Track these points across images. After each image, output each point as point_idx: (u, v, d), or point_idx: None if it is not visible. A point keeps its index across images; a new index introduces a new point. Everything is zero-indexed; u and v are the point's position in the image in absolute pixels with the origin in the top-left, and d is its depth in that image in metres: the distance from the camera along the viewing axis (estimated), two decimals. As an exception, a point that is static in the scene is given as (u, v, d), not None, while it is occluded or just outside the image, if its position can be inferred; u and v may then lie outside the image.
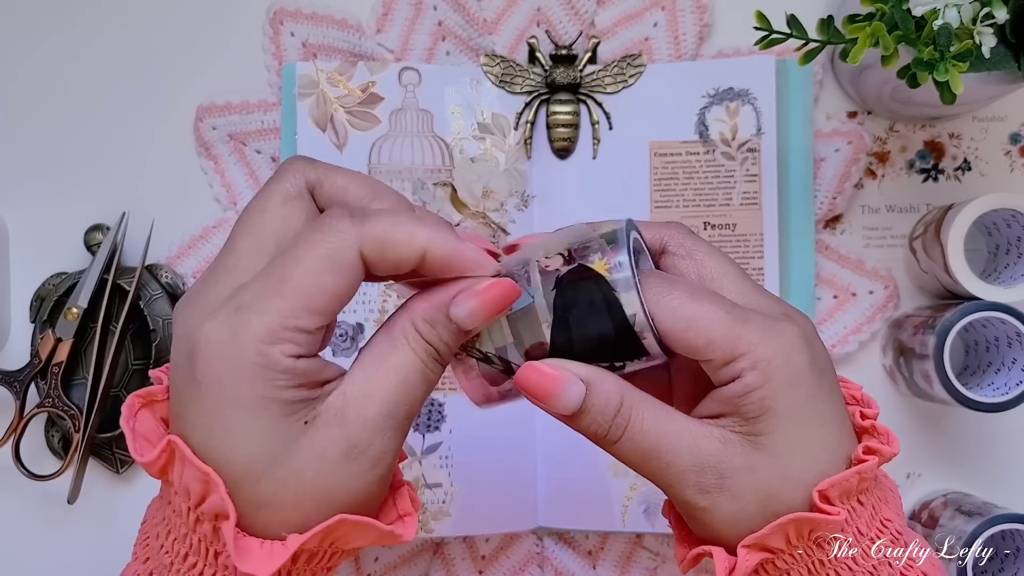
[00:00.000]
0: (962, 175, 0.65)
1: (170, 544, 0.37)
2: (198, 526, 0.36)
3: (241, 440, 0.35)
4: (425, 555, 0.65)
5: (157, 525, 0.38)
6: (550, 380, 0.38)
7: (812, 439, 0.38)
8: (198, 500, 0.35)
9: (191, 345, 0.35)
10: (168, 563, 0.37)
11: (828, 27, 0.52)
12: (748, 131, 0.63)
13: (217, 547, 0.36)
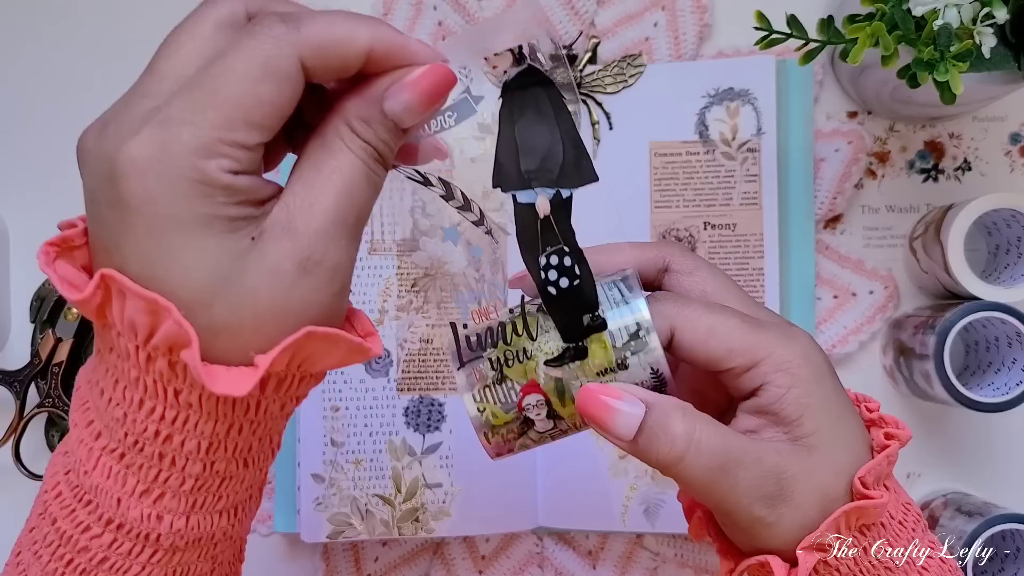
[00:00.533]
0: (962, 175, 0.65)
1: (120, 395, 0.34)
2: (151, 365, 0.33)
3: (186, 262, 0.32)
4: (425, 555, 0.65)
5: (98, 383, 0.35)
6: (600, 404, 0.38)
7: (846, 430, 0.39)
8: (147, 334, 0.32)
9: (111, 167, 0.32)
10: (120, 416, 0.34)
11: (828, 27, 0.52)
12: (748, 131, 0.63)
13: (176, 384, 0.33)
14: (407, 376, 0.63)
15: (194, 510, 0.35)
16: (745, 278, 0.63)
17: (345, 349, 0.35)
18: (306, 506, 0.62)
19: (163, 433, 0.34)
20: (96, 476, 0.35)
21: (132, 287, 0.31)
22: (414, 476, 0.63)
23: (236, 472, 0.36)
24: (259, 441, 0.36)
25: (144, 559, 0.35)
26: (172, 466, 0.34)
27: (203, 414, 0.34)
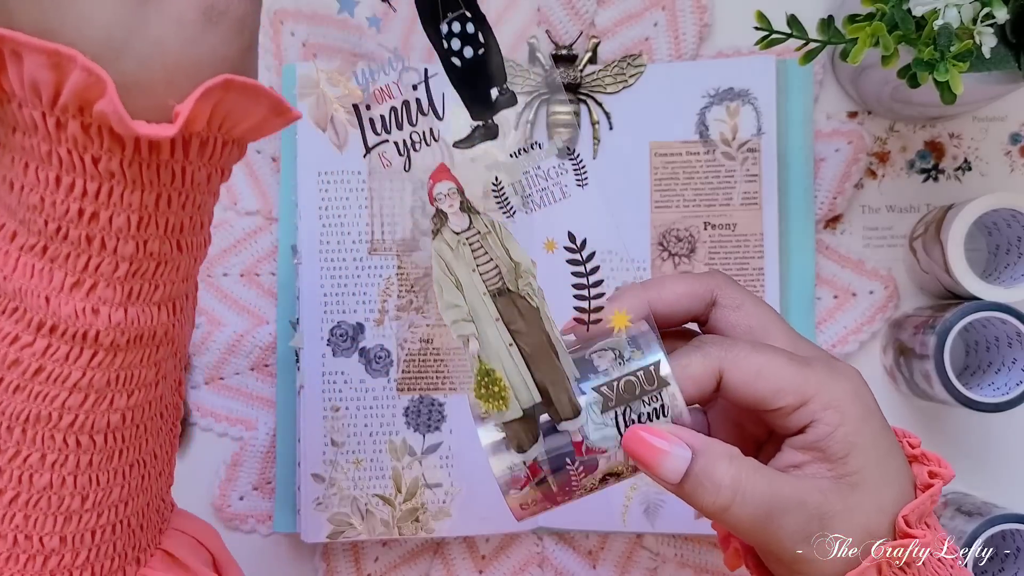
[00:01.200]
0: (962, 175, 0.65)
1: (33, 178, 0.31)
2: (62, 132, 0.31)
3: (83, 10, 0.30)
4: (425, 555, 0.65)
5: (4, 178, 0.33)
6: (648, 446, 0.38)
7: (890, 468, 0.40)
8: (53, 93, 0.30)
9: None
10: (36, 203, 0.32)
11: (828, 27, 0.52)
12: (748, 131, 0.63)
13: (94, 151, 0.31)
14: (407, 376, 0.63)
15: (131, 300, 0.33)
16: (745, 278, 0.63)
17: (266, 106, 0.34)
18: (306, 506, 0.62)
19: (88, 211, 0.32)
20: (18, 278, 0.32)
21: (29, 40, 0.29)
22: (414, 476, 0.63)
23: (171, 255, 0.34)
24: (190, 220, 0.34)
25: (84, 363, 0.33)
26: (103, 249, 0.32)
27: (128, 183, 0.32)
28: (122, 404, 0.35)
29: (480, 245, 0.41)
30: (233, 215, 0.66)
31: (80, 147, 0.31)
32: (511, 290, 0.41)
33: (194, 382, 0.66)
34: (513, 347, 0.41)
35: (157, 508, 0.40)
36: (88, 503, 0.36)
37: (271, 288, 0.66)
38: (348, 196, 0.63)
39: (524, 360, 0.41)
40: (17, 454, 0.34)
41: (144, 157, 0.31)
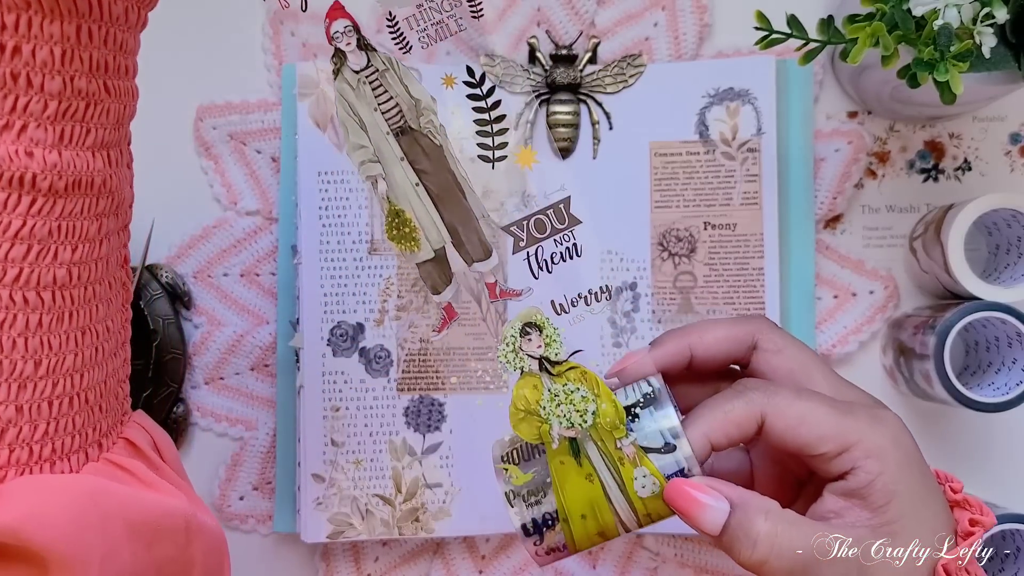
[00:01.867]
0: (962, 175, 0.65)
1: None
2: None
3: None
4: (425, 555, 0.65)
5: None
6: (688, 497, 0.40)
7: (930, 516, 0.40)
8: None
9: None
10: None
11: (828, 27, 0.52)
12: (748, 131, 0.63)
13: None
14: (407, 376, 0.63)
15: (63, 143, 0.33)
16: (745, 278, 0.63)
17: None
18: (306, 506, 0.62)
19: (9, 45, 0.32)
20: None
21: None
22: (414, 476, 0.63)
23: (99, 96, 0.34)
24: (113, 59, 0.34)
25: (23, 210, 0.33)
26: (29, 87, 0.32)
27: (45, 12, 0.32)
28: (67, 258, 0.34)
29: (379, 83, 0.41)
30: (233, 215, 0.66)
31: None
32: (413, 128, 0.41)
33: (194, 382, 0.66)
34: (419, 187, 0.41)
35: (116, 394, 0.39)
36: (41, 369, 0.34)
37: (271, 288, 0.66)
38: (348, 196, 0.63)
39: (432, 200, 0.41)
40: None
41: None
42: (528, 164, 0.41)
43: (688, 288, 0.63)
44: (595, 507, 0.42)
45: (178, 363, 0.65)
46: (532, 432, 0.43)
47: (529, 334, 0.42)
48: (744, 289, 0.63)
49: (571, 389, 0.42)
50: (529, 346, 0.42)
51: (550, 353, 0.42)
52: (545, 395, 0.42)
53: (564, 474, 0.43)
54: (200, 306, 0.66)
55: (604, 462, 0.42)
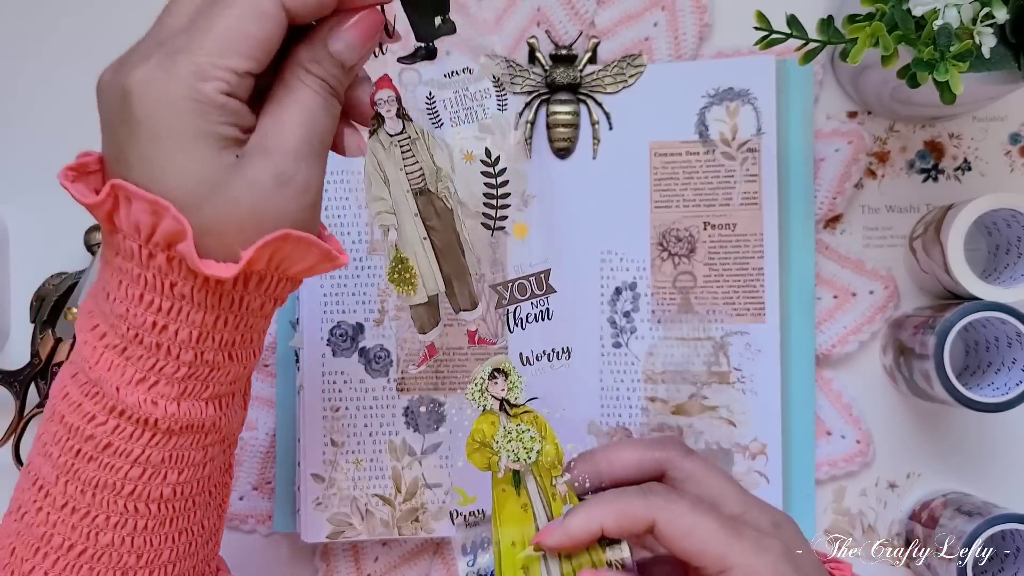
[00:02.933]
0: (962, 175, 0.65)
1: (123, 293, 0.39)
2: (151, 261, 0.38)
3: (181, 169, 0.37)
4: (425, 555, 0.65)
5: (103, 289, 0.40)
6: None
7: None
8: (149, 232, 0.38)
9: (124, 90, 0.37)
10: (122, 312, 0.39)
11: (828, 27, 0.52)
12: (748, 131, 0.63)
13: (173, 277, 0.39)
14: (407, 376, 0.63)
15: (184, 396, 0.41)
16: (745, 278, 0.63)
17: (317, 255, 0.40)
18: (306, 506, 0.62)
19: (159, 324, 0.39)
20: (99, 369, 0.40)
21: (137, 191, 0.37)
22: (414, 476, 0.63)
23: (222, 363, 0.41)
24: (242, 337, 0.41)
25: (144, 442, 0.40)
26: (167, 355, 0.40)
27: (194, 305, 0.39)
28: (173, 479, 0.42)
29: (409, 148, 0.47)
30: (233, 215, 0.66)
31: (163, 273, 0.39)
32: (431, 191, 0.48)
33: (194, 382, 0.65)
34: (427, 241, 0.47)
35: (202, 572, 0.46)
36: (142, 561, 0.42)
37: (271, 288, 0.65)
38: (348, 196, 0.63)
39: (435, 253, 0.47)
40: (87, 514, 0.41)
41: (210, 287, 0.39)
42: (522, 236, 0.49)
43: (688, 288, 0.63)
44: (524, 536, 0.49)
45: (178, 363, 0.65)
46: (483, 462, 0.51)
47: (496, 378, 0.50)
48: (744, 289, 0.63)
49: (523, 429, 0.50)
50: (494, 388, 0.50)
51: (511, 396, 0.50)
52: (500, 431, 0.50)
53: (503, 500, 0.50)
54: (200, 306, 0.66)
55: (539, 496, 0.50)
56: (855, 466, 0.63)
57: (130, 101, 0.37)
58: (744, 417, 0.62)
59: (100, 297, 0.41)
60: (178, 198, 0.37)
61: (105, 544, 0.41)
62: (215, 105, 0.38)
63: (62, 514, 0.41)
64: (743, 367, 0.63)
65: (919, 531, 0.61)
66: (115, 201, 0.38)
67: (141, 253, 0.38)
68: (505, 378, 0.50)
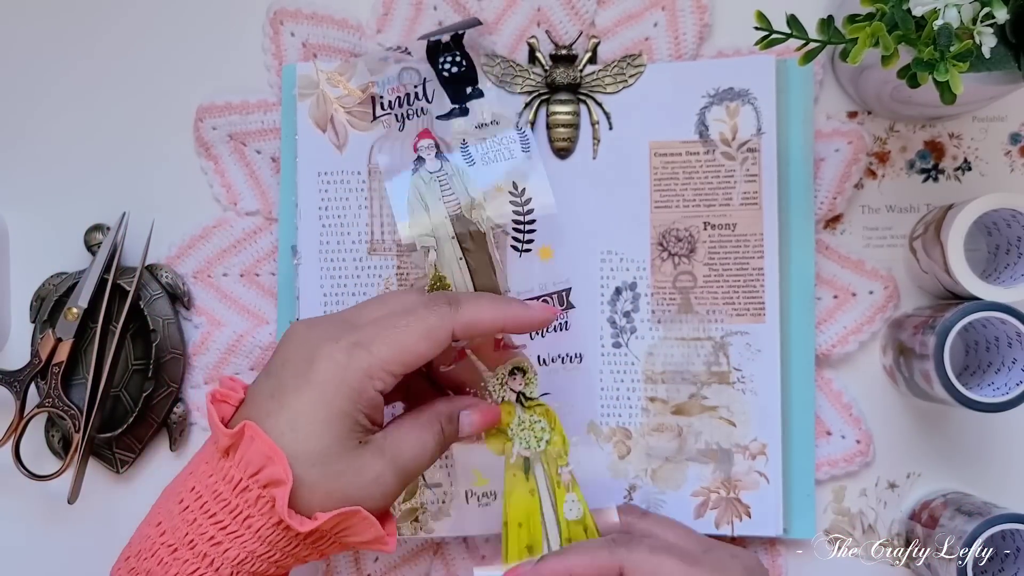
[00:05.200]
0: (962, 175, 0.65)
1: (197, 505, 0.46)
2: (244, 494, 0.45)
3: (315, 432, 0.46)
4: (425, 555, 0.65)
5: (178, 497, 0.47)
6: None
7: None
8: (255, 470, 0.45)
9: (313, 354, 0.47)
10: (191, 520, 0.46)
11: (828, 27, 0.52)
12: (748, 131, 0.63)
13: (251, 511, 0.45)
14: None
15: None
16: (745, 278, 0.63)
17: (372, 536, 0.48)
18: (306, 506, 0.62)
19: (216, 539, 0.46)
20: (150, 563, 0.46)
21: (263, 436, 0.45)
22: (414, 476, 0.63)
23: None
24: (276, 569, 0.48)
25: None
26: (209, 565, 0.46)
27: (255, 537, 0.46)
28: None
29: (448, 183, 0.56)
30: (233, 215, 0.66)
31: (246, 505, 0.46)
32: (466, 217, 0.55)
33: (194, 382, 0.66)
34: (462, 260, 0.54)
35: None
36: None
37: (271, 288, 0.66)
38: (348, 196, 0.63)
39: (470, 272, 0.55)
40: None
41: (277, 530, 0.46)
42: (547, 258, 0.57)
43: (688, 288, 0.63)
44: (530, 518, 0.56)
45: (178, 363, 0.65)
46: (498, 447, 0.56)
47: (515, 375, 0.57)
48: (744, 289, 0.63)
49: (535, 420, 0.57)
50: (513, 383, 0.57)
51: (527, 391, 0.57)
52: (515, 420, 0.57)
53: (513, 484, 0.56)
54: (200, 306, 0.66)
55: (546, 483, 0.56)
56: (855, 466, 0.63)
57: (315, 365, 0.46)
58: (744, 417, 0.62)
59: (172, 501, 0.47)
60: (295, 452, 0.45)
61: None
62: (366, 399, 0.47)
63: None
64: (743, 367, 0.63)
65: (919, 531, 0.61)
66: (240, 437, 0.46)
67: (238, 484, 0.45)
68: (523, 375, 0.57)
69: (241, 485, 0.45)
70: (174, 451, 0.65)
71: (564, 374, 0.59)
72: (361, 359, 0.46)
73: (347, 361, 0.46)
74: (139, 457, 0.65)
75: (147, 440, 0.65)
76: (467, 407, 0.53)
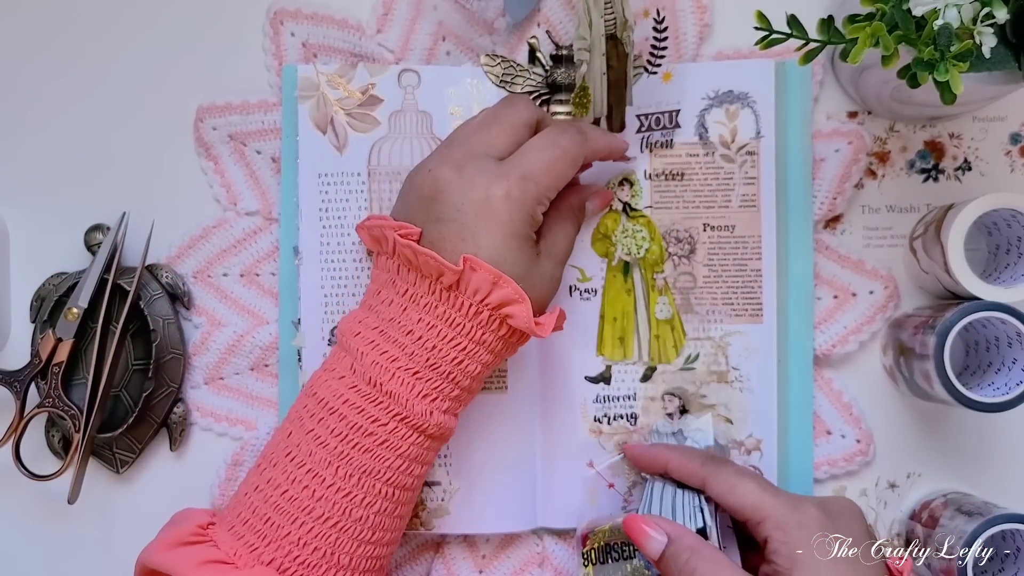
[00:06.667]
0: (962, 175, 0.65)
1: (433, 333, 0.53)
2: (476, 316, 0.53)
3: (515, 257, 0.53)
4: (426, 554, 0.65)
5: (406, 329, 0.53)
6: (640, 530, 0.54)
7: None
8: (484, 295, 0.52)
9: (489, 196, 0.53)
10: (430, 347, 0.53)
11: (828, 27, 0.52)
12: (747, 134, 0.63)
13: (484, 330, 0.53)
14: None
15: (449, 412, 0.54)
16: (744, 279, 0.63)
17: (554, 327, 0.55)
18: (306, 506, 0.62)
19: (458, 359, 0.53)
20: (391, 384, 0.52)
21: (484, 265, 0.52)
22: (414, 476, 0.63)
23: (475, 390, 0.56)
24: (488, 373, 0.56)
25: (411, 440, 0.53)
26: (451, 382, 0.53)
27: (486, 351, 0.54)
28: (416, 472, 0.55)
29: (610, 1, 0.58)
30: (233, 215, 0.66)
31: (480, 326, 0.53)
32: (617, 37, 0.58)
33: (194, 382, 0.65)
34: (604, 75, 0.59)
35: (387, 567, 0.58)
36: (374, 537, 0.54)
37: (271, 288, 0.66)
38: (348, 198, 0.63)
39: (608, 85, 0.59)
40: (349, 493, 0.52)
41: (503, 339, 0.54)
42: (667, 80, 0.64)
43: (688, 289, 0.63)
44: (624, 314, 0.63)
45: (178, 363, 0.65)
46: (602, 250, 0.63)
47: (624, 185, 0.63)
48: (743, 290, 0.63)
49: (637, 229, 0.63)
50: (622, 193, 0.63)
51: (633, 202, 0.63)
52: (619, 228, 0.63)
53: (612, 283, 0.63)
54: (200, 306, 0.66)
55: (642, 285, 0.63)
56: (855, 466, 0.63)
57: (492, 203, 0.53)
58: (741, 415, 0.62)
59: (398, 332, 0.53)
60: (512, 274, 0.53)
61: (355, 519, 0.53)
62: (536, 220, 0.55)
63: (327, 492, 0.52)
64: (741, 367, 0.63)
65: (919, 531, 0.61)
66: (464, 269, 0.52)
67: (470, 310, 0.52)
68: (631, 187, 0.63)
69: (472, 310, 0.52)
70: (174, 451, 0.65)
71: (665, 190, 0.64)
72: (530, 190, 0.54)
73: (521, 195, 0.53)
74: (139, 457, 0.65)
75: (147, 440, 0.65)
76: (590, 195, 0.62)
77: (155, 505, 0.59)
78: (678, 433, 0.63)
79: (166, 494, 0.64)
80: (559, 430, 0.63)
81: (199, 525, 0.54)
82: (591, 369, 0.64)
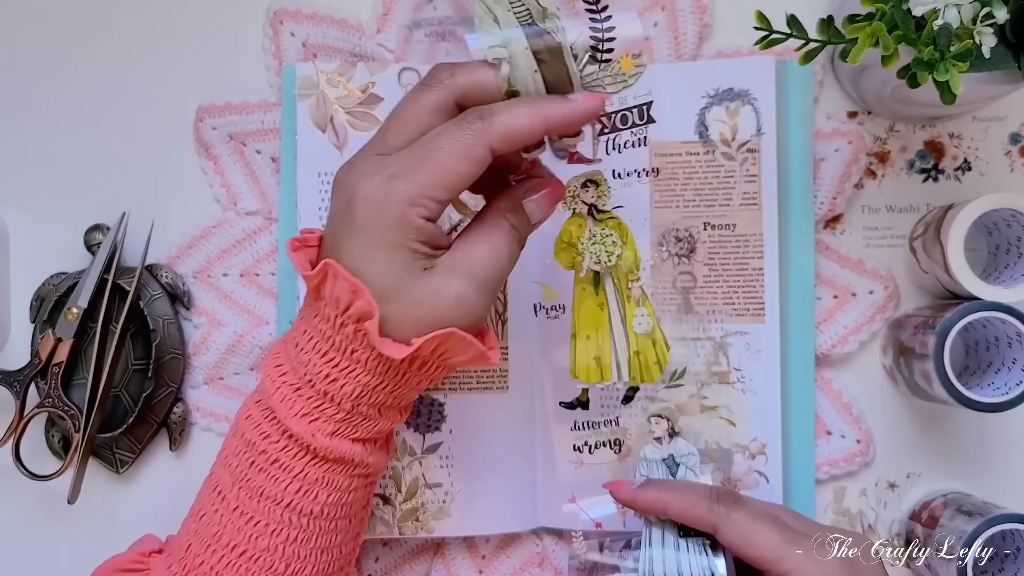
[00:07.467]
0: (962, 175, 0.65)
1: (311, 347, 0.48)
2: (342, 329, 0.47)
3: (379, 269, 0.46)
4: (425, 555, 0.65)
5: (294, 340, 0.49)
6: None
7: None
8: (345, 306, 0.47)
9: (351, 196, 0.47)
10: (305, 361, 0.48)
11: (828, 27, 0.52)
12: (748, 131, 0.63)
13: (354, 345, 0.47)
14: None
15: (336, 435, 0.49)
16: (744, 278, 0.63)
17: (473, 353, 0.49)
18: (306, 506, 0.62)
19: (331, 376, 0.48)
20: (275, 399, 0.49)
21: (344, 272, 0.46)
22: (414, 476, 0.63)
23: (373, 417, 0.50)
24: (393, 400, 0.50)
25: (304, 461, 0.49)
26: (330, 401, 0.49)
27: (364, 370, 0.48)
28: (323, 499, 0.50)
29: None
30: (233, 215, 0.66)
31: (348, 340, 0.48)
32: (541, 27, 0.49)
33: (193, 382, 0.66)
34: (537, 73, 0.48)
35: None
36: (288, 571, 0.50)
37: (271, 288, 0.66)
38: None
39: (545, 85, 0.49)
40: (251, 518, 0.49)
41: (381, 360, 0.48)
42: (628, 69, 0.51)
43: (688, 288, 0.63)
44: (599, 330, 0.57)
45: (178, 363, 0.65)
46: (567, 261, 0.58)
47: (588, 187, 0.57)
48: (743, 289, 0.63)
49: (606, 233, 0.57)
50: (586, 195, 0.57)
51: (600, 203, 0.57)
52: (586, 234, 0.57)
53: (582, 298, 0.57)
54: (200, 306, 0.66)
55: (615, 296, 0.57)
56: (855, 466, 0.63)
57: (353, 208, 0.46)
58: (744, 417, 0.62)
59: (289, 345, 0.50)
60: (372, 289, 0.46)
61: (262, 548, 0.49)
62: (413, 227, 0.46)
63: (232, 516, 0.49)
64: (743, 367, 0.63)
65: (919, 531, 0.61)
66: (324, 276, 0.47)
67: (335, 321, 0.47)
68: (597, 187, 0.57)
69: (338, 321, 0.47)
70: (174, 451, 0.65)
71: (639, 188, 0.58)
72: (399, 190, 0.46)
73: (385, 195, 0.46)
74: (139, 457, 0.65)
75: (147, 440, 0.65)
76: (527, 192, 0.50)
77: (155, 505, 0.59)
78: (668, 459, 0.59)
79: (166, 494, 0.64)
80: (559, 429, 0.63)
81: (142, 553, 0.53)
82: (565, 395, 0.62)
